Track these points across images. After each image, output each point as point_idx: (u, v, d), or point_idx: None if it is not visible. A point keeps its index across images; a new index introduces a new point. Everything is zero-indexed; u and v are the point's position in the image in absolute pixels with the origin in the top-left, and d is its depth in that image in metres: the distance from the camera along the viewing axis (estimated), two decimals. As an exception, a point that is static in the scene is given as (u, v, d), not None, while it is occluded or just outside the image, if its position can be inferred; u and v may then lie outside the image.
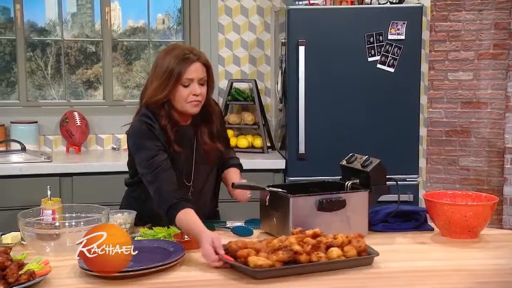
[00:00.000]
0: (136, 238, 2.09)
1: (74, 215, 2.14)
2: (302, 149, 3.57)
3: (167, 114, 2.22)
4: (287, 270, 1.78)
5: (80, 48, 4.33)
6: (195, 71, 2.19)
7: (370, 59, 3.56)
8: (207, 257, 1.86)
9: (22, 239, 2.02)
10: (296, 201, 2.08)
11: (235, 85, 4.10)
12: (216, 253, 1.84)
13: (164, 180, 2.13)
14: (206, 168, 2.35)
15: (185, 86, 2.19)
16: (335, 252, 1.84)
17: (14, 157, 3.51)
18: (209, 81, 2.26)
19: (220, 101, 4.10)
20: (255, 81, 4.06)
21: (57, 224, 2.09)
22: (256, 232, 2.21)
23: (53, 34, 4.27)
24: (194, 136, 2.31)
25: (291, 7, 3.57)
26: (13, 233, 2.07)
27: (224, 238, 2.14)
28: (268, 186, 2.21)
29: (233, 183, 2.24)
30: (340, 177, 2.37)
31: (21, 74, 4.02)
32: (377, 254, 1.88)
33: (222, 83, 4.15)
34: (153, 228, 2.17)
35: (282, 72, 3.73)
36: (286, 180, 3.61)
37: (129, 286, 1.69)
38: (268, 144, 4.01)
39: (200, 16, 4.11)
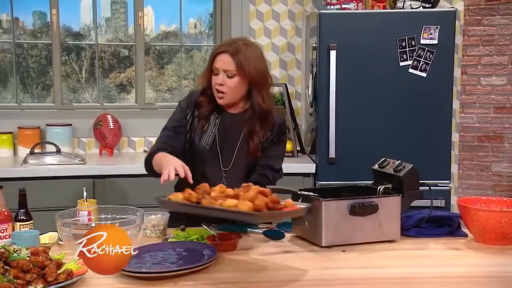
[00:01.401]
0: (169, 240, 2.11)
1: (109, 216, 2.17)
2: (332, 153, 3.57)
3: (210, 94, 2.38)
4: (176, 204, 1.94)
5: (114, 52, 4.40)
6: (220, 61, 2.30)
7: (402, 63, 3.55)
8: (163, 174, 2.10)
9: (59, 239, 2.07)
10: (328, 205, 2.08)
11: (266, 89, 4.11)
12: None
13: (164, 141, 2.39)
14: (246, 159, 2.40)
15: (215, 74, 2.33)
16: (228, 202, 1.86)
17: (49, 159, 3.58)
18: (250, 80, 2.32)
19: (251, 105, 4.13)
20: (286, 85, 4.07)
21: (93, 225, 2.12)
22: (288, 235, 2.22)
23: (87, 38, 4.35)
24: (244, 126, 2.39)
25: (322, 11, 3.57)
26: (50, 233, 2.11)
27: (255, 241, 2.17)
28: (300, 190, 2.21)
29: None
30: (372, 181, 2.36)
31: (56, 77, 4.10)
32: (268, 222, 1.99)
33: (252, 87, 4.17)
34: (186, 230, 2.19)
35: (313, 76, 3.73)
36: (316, 184, 3.61)
37: (162, 287, 1.71)
38: (298, 148, 4.02)
39: (232, 21, 4.14)
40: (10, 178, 3.27)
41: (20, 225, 2.09)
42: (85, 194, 2.24)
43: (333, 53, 3.51)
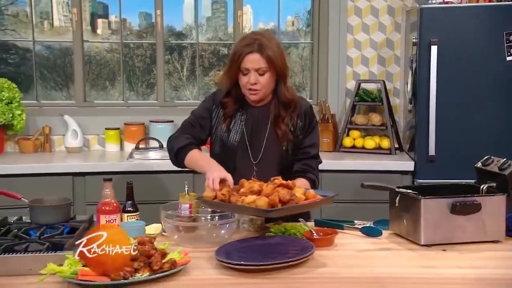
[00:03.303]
0: (266, 234, 2.16)
1: (209, 209, 2.25)
2: (432, 151, 3.48)
3: (235, 94, 2.41)
4: (206, 202, 2.10)
5: (214, 50, 4.52)
6: (250, 61, 2.31)
7: (508, 58, 3.40)
8: (208, 185, 2.13)
9: (163, 230, 2.17)
10: (427, 203, 2.04)
11: (363, 85, 4.08)
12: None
13: (184, 133, 2.45)
14: (276, 149, 2.42)
15: (244, 74, 2.34)
16: (248, 198, 1.98)
17: (153, 154, 3.73)
18: (278, 72, 2.35)
19: (347, 102, 4.11)
20: (384, 81, 4.01)
21: (194, 217, 2.21)
22: (385, 233, 2.20)
23: (189, 37, 4.50)
24: (269, 117, 2.42)
25: (423, 6, 3.49)
26: (155, 224, 2.22)
27: (352, 238, 2.17)
28: (398, 187, 2.19)
29: (362, 183, 2.24)
30: (474, 180, 2.29)
31: (159, 76, 4.27)
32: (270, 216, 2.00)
33: (349, 84, 4.15)
34: (283, 224, 2.23)
35: (412, 73, 3.66)
36: (415, 182, 3.54)
37: (260, 279, 1.74)
38: (396, 146, 3.95)
39: (329, 17, 4.13)
40: (117, 171, 3.45)
41: (127, 216, 2.21)
42: (186, 188, 2.33)
43: (434, 48, 3.42)
